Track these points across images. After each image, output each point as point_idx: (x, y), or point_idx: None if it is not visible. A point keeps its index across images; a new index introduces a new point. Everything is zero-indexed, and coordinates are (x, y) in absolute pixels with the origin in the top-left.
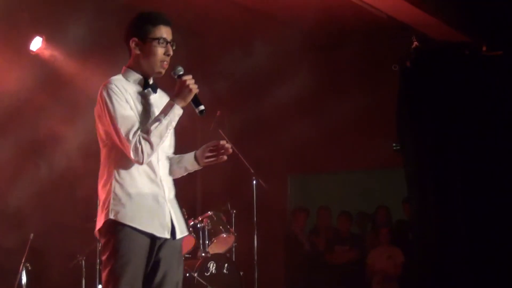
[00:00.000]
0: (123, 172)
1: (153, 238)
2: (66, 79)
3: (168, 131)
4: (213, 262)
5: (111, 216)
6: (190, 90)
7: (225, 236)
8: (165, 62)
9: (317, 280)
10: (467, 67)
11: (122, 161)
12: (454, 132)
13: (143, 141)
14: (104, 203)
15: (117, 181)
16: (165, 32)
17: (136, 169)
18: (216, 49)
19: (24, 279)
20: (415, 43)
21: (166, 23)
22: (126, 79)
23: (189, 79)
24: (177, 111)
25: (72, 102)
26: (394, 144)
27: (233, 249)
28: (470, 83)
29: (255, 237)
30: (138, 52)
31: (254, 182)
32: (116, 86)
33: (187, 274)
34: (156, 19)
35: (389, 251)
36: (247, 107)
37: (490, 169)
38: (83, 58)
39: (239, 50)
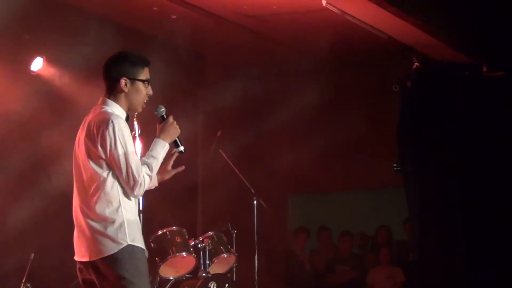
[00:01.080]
0: (126, 200)
1: None
2: (66, 99)
3: (159, 167)
4: (214, 282)
5: (129, 241)
6: (178, 131)
7: (226, 256)
8: (145, 101)
9: None
10: (467, 87)
11: (124, 190)
12: (455, 152)
13: (146, 177)
14: (116, 230)
15: (125, 208)
16: (148, 74)
17: (132, 198)
18: (218, 69)
19: None
20: (416, 63)
21: (149, 64)
22: (114, 113)
23: (174, 120)
24: (166, 149)
25: (73, 121)
26: (394, 165)
27: (234, 269)
28: (471, 103)
29: (256, 257)
30: (126, 90)
31: (255, 202)
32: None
33: None
34: (143, 62)
35: (389, 271)
36: (248, 127)
37: (491, 188)
38: (83, 78)
39: (241, 72)
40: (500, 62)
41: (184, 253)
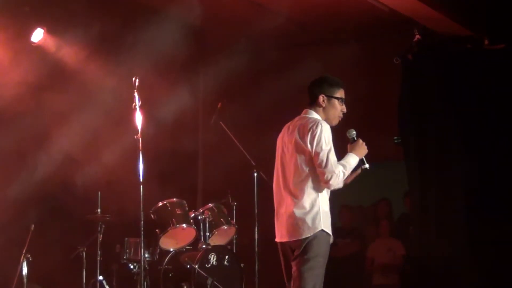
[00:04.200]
0: (323, 193)
1: None
2: (67, 70)
3: (349, 172)
4: (214, 254)
5: (322, 227)
6: (365, 151)
7: (226, 228)
8: (339, 117)
9: None
10: (469, 60)
11: (321, 184)
12: (455, 125)
13: (341, 173)
14: (314, 217)
15: (321, 200)
16: (343, 94)
17: (326, 191)
18: (218, 42)
19: (25, 270)
20: (417, 36)
21: (344, 86)
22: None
23: (363, 142)
24: (356, 161)
25: (73, 92)
26: (395, 138)
27: (234, 241)
28: (472, 76)
29: (256, 229)
30: (323, 105)
31: (255, 174)
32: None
33: (188, 266)
34: (339, 84)
35: (389, 243)
36: (249, 99)
37: (491, 162)
38: (85, 50)
39: (241, 43)
40: (502, 35)
41: (184, 225)
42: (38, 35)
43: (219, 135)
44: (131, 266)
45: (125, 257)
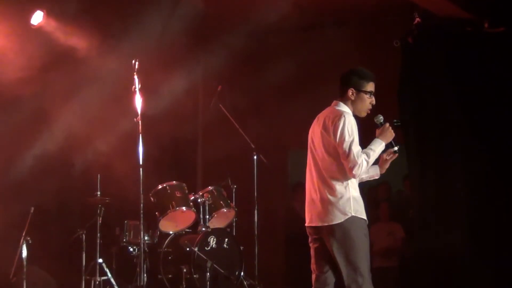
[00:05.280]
0: (353, 180)
1: None
2: (67, 53)
3: (375, 158)
4: (213, 236)
5: (353, 213)
6: (392, 135)
7: (225, 211)
8: (368, 110)
9: None
10: (469, 43)
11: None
12: (455, 108)
13: (364, 162)
14: (344, 203)
15: (351, 186)
16: (373, 87)
17: (355, 179)
18: (217, 24)
19: (24, 253)
20: (417, 19)
21: (374, 80)
22: (345, 111)
23: (389, 126)
24: (382, 146)
25: (73, 75)
26: (395, 120)
27: (234, 224)
28: (472, 59)
29: (256, 212)
30: (352, 98)
31: (255, 157)
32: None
33: (187, 249)
34: (369, 77)
35: (388, 227)
36: (248, 82)
37: (490, 145)
38: (85, 32)
39: (241, 26)
40: (502, 18)
41: (184, 208)
42: (37, 17)
43: (219, 118)
44: (131, 249)
45: (124, 239)
